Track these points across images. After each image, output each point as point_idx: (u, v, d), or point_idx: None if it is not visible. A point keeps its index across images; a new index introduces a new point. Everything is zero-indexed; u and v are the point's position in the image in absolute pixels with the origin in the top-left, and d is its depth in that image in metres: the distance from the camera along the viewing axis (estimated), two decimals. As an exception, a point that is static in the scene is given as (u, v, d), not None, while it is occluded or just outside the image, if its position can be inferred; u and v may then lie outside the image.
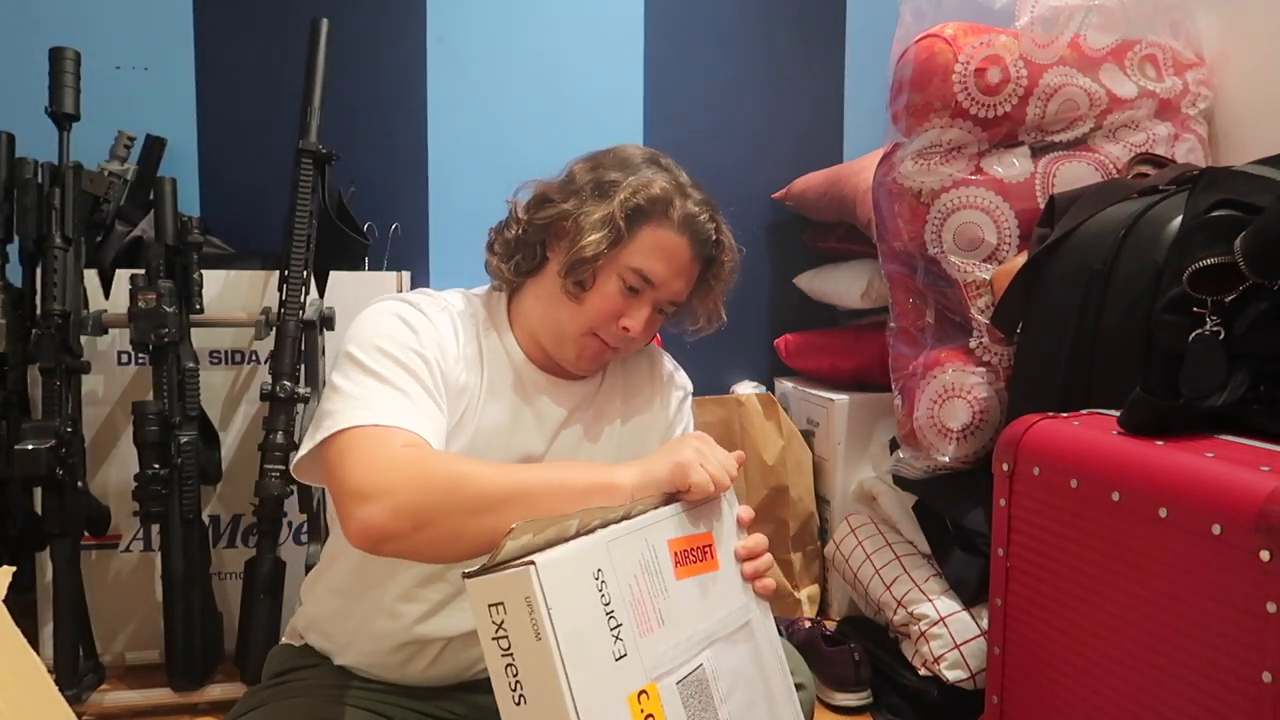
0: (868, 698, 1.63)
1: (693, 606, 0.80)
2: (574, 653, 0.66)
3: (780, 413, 2.04)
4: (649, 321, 1.03)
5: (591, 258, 0.99)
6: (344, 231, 1.81)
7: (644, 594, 0.74)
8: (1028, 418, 1.09)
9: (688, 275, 1.04)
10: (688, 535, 0.83)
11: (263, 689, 1.04)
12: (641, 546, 0.76)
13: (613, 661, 0.69)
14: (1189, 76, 1.53)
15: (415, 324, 0.96)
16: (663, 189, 1.00)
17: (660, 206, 1.00)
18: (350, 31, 2.05)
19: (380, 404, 0.87)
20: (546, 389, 1.06)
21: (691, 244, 1.02)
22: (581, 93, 2.22)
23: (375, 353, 0.92)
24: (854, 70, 2.36)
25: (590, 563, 0.71)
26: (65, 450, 1.53)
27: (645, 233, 1.00)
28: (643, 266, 1.00)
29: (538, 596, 0.65)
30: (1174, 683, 0.86)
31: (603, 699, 0.67)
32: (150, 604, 1.75)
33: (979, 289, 1.48)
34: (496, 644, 0.67)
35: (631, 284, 1.00)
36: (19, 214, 1.58)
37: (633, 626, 0.72)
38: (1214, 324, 0.99)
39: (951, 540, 1.55)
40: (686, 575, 0.80)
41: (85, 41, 1.66)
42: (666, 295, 1.03)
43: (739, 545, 0.92)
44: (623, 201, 0.99)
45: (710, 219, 1.03)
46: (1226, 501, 0.81)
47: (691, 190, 1.03)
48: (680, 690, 0.74)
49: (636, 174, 1.01)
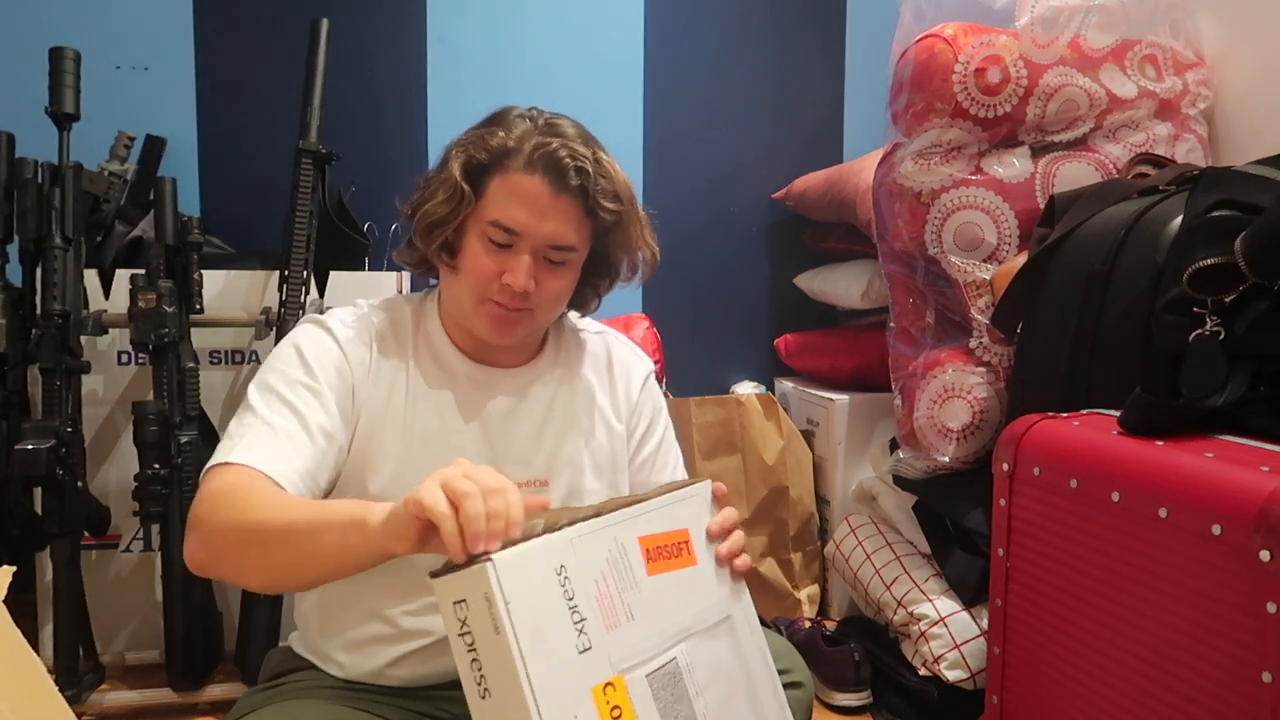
0: (868, 698, 1.63)
1: (666, 601, 0.81)
2: (532, 645, 0.67)
3: (780, 413, 2.03)
4: (538, 275, 0.97)
5: (438, 221, 0.97)
6: (344, 231, 1.81)
7: (611, 589, 0.76)
8: (1028, 418, 1.09)
9: (558, 213, 0.96)
10: (662, 532, 0.84)
11: (260, 691, 1.04)
12: (609, 543, 0.78)
13: (575, 654, 0.71)
14: (1189, 76, 1.53)
15: (311, 353, 0.98)
16: (503, 135, 0.95)
17: (502, 154, 0.95)
18: (350, 31, 2.05)
19: (245, 444, 0.91)
20: (484, 383, 1.04)
21: (548, 179, 0.95)
22: (581, 93, 2.22)
23: (262, 389, 0.96)
24: (854, 70, 2.36)
25: (553, 559, 0.72)
26: (65, 450, 1.53)
27: (494, 184, 0.96)
28: (499, 218, 0.96)
29: (495, 592, 0.67)
30: (1174, 683, 0.86)
31: (564, 690, 0.69)
32: (150, 604, 1.75)
33: (979, 289, 1.48)
34: (462, 640, 0.69)
35: (495, 239, 0.96)
36: (19, 214, 1.58)
37: (598, 620, 0.73)
38: (1214, 324, 0.99)
39: (951, 540, 1.55)
40: (660, 571, 0.81)
41: (85, 41, 1.66)
42: (542, 240, 0.96)
43: (710, 524, 0.89)
44: (463, 162, 0.96)
45: (565, 147, 0.95)
46: (1226, 501, 0.81)
47: (550, 127, 0.97)
48: (650, 682, 0.76)
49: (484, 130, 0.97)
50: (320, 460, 0.94)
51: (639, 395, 1.13)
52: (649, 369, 1.16)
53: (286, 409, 0.94)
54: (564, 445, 1.06)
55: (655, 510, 0.85)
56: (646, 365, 1.16)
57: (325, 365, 0.98)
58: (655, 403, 1.15)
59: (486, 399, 1.04)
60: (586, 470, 1.07)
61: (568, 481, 1.06)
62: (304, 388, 0.96)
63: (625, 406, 1.12)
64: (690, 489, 0.91)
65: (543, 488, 1.05)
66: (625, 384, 1.13)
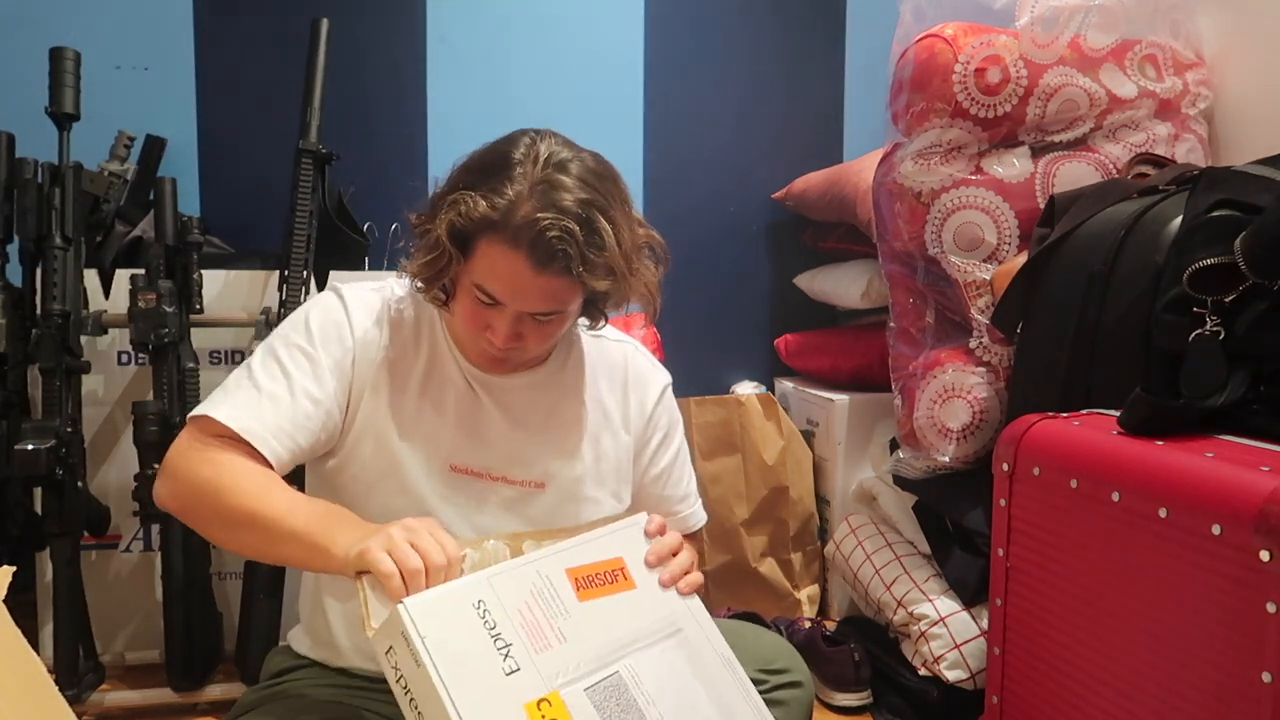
0: (868, 698, 1.63)
1: (602, 623, 0.87)
2: (453, 671, 0.74)
3: (780, 413, 2.03)
4: (525, 330, 0.96)
5: (431, 279, 0.96)
6: (344, 231, 1.81)
7: (539, 616, 0.83)
8: (1028, 418, 1.09)
9: (540, 289, 0.92)
10: (591, 563, 0.90)
11: (260, 690, 1.04)
12: (532, 576, 0.85)
13: (503, 676, 0.77)
14: (1189, 76, 1.53)
15: (316, 319, 1.01)
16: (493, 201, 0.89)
17: (486, 223, 0.90)
18: (350, 31, 2.05)
19: (234, 404, 0.96)
20: (486, 384, 1.04)
21: (532, 258, 0.89)
22: (581, 93, 2.22)
23: (263, 350, 1.00)
24: (854, 70, 2.36)
25: (469, 596, 0.80)
26: (65, 450, 1.53)
27: (481, 247, 0.92)
28: (482, 283, 0.93)
29: (410, 630, 0.74)
30: (1174, 683, 0.86)
31: (493, 708, 0.75)
32: (150, 604, 1.75)
33: (979, 289, 1.48)
34: (399, 685, 0.76)
35: (481, 299, 0.94)
36: (19, 214, 1.58)
37: (524, 644, 0.80)
38: (1214, 324, 0.99)
39: (951, 540, 1.55)
40: (593, 597, 0.88)
41: (85, 41, 1.66)
42: (525, 309, 0.94)
43: (646, 553, 0.93)
44: (448, 224, 0.91)
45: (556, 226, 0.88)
46: (1226, 501, 0.81)
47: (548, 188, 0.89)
48: (591, 695, 0.81)
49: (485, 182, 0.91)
50: (301, 423, 0.96)
51: (654, 408, 1.13)
52: (666, 382, 1.15)
53: (279, 370, 0.98)
54: (563, 450, 1.06)
55: (583, 544, 0.91)
56: (664, 378, 1.15)
57: (328, 332, 1.00)
58: (671, 416, 1.15)
59: (487, 399, 1.04)
60: (587, 478, 1.07)
61: (564, 487, 1.06)
62: (300, 351, 0.99)
63: (638, 419, 1.11)
64: (625, 521, 0.97)
65: (538, 489, 1.05)
66: (640, 395, 1.12)
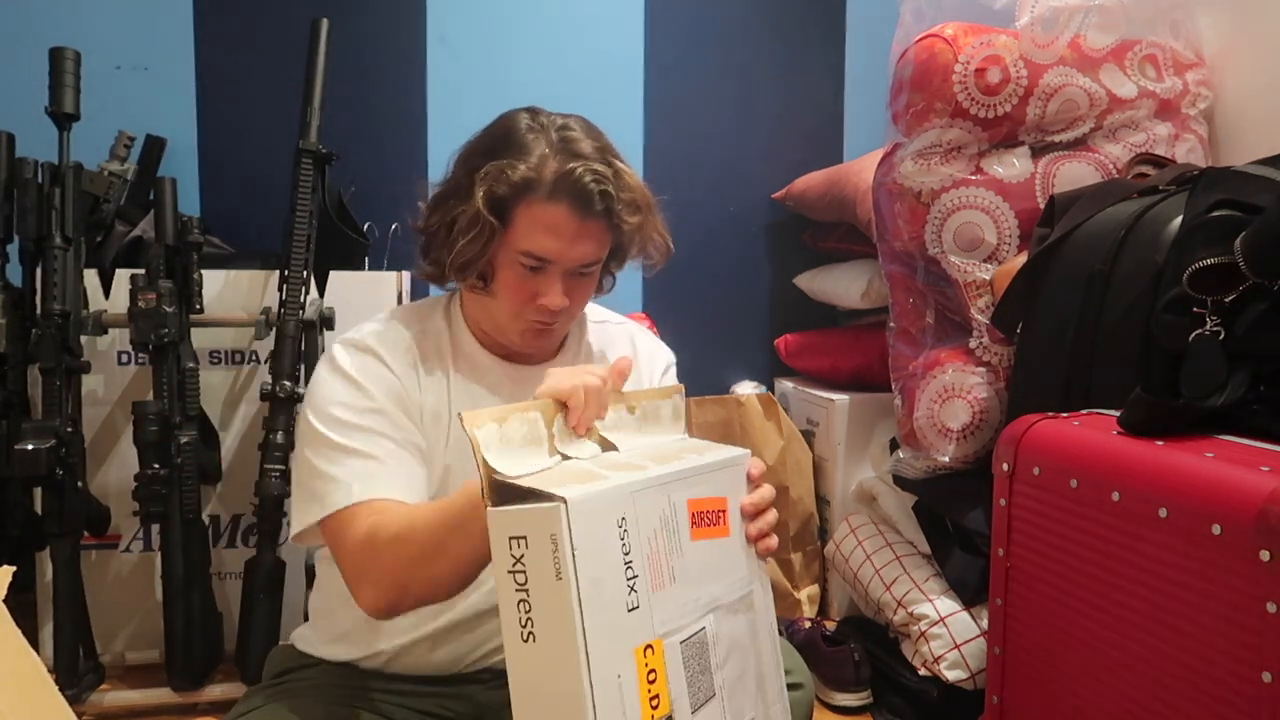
0: (868, 698, 1.63)
1: (703, 569, 0.79)
2: (592, 597, 0.65)
3: (780, 413, 2.03)
4: (569, 289, 0.99)
5: (472, 259, 0.98)
6: (344, 231, 1.81)
7: (660, 549, 0.74)
8: (1028, 418, 1.09)
9: (586, 237, 0.97)
10: (706, 497, 0.82)
11: (263, 689, 1.04)
12: (663, 502, 0.76)
13: (625, 612, 0.69)
14: (1189, 76, 1.53)
15: (364, 378, 0.98)
16: (523, 167, 0.94)
17: (524, 185, 0.95)
18: (350, 31, 2.05)
19: (353, 478, 0.93)
20: (519, 379, 1.06)
21: (574, 207, 0.95)
22: (581, 93, 2.21)
23: (336, 425, 0.96)
24: (854, 70, 2.36)
25: (616, 509, 0.70)
26: (65, 450, 1.53)
27: (520, 214, 0.96)
28: (529, 248, 0.96)
29: (564, 535, 0.64)
30: (1174, 683, 0.86)
31: (612, 647, 0.67)
32: (150, 604, 1.75)
33: (979, 289, 1.48)
34: (512, 578, 0.66)
35: (528, 265, 0.97)
36: (19, 214, 1.58)
37: (647, 580, 0.71)
38: (1214, 324, 0.99)
39: (951, 540, 1.55)
40: (700, 537, 0.80)
41: (85, 41, 1.66)
42: (573, 263, 0.98)
43: (744, 501, 0.88)
44: (485, 195, 0.95)
45: (589, 170, 0.95)
46: (1226, 501, 0.81)
47: (566, 144, 0.96)
48: (683, 650, 0.74)
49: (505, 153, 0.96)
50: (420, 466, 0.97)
51: (660, 379, 1.16)
52: (670, 359, 1.19)
53: (367, 435, 0.95)
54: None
55: (703, 474, 0.83)
56: (668, 355, 1.19)
57: (380, 384, 0.99)
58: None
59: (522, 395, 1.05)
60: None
61: None
62: (368, 411, 0.97)
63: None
64: (734, 456, 0.88)
65: None
66: (649, 370, 1.15)
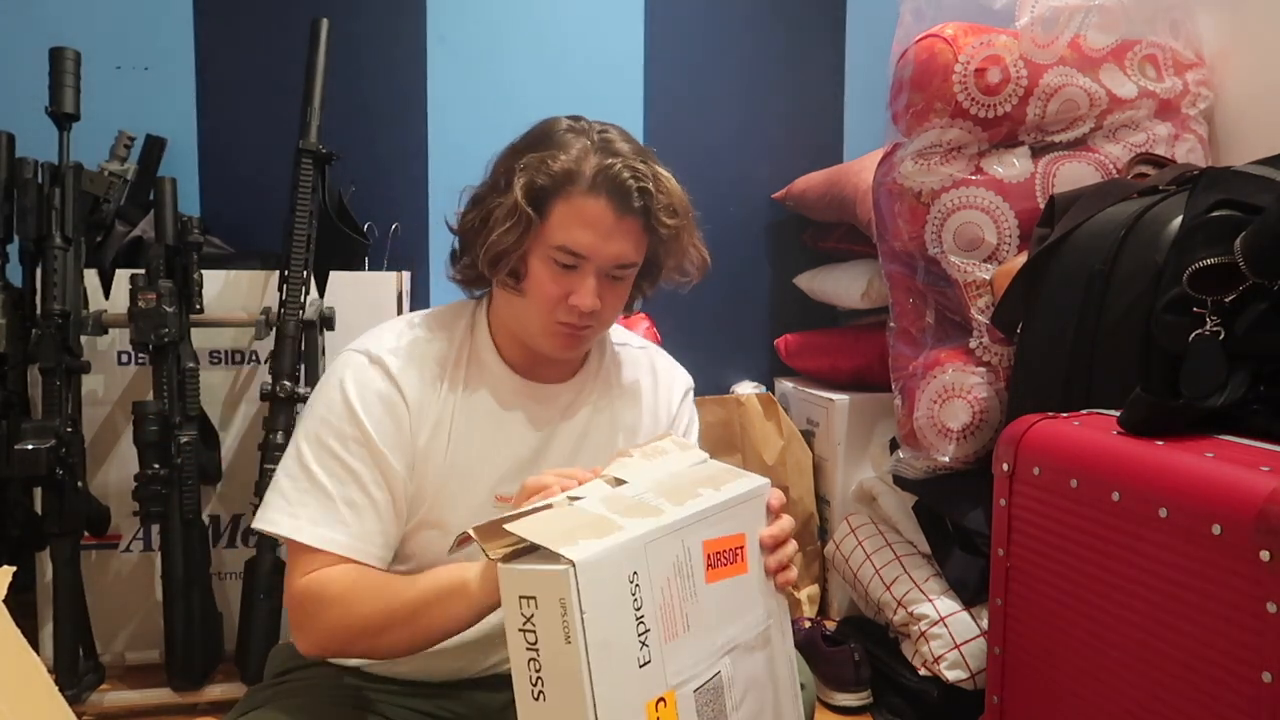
0: (868, 698, 1.63)
1: (719, 612, 0.78)
2: (601, 660, 0.64)
3: (780, 413, 2.03)
4: (602, 292, 0.98)
5: (507, 250, 0.96)
6: (344, 231, 1.81)
7: (674, 598, 0.73)
8: (1028, 418, 1.08)
9: (622, 234, 0.96)
10: (723, 536, 0.80)
11: (264, 688, 1.04)
12: (677, 548, 0.74)
13: (636, 668, 0.68)
14: (1189, 76, 1.53)
15: (359, 398, 0.96)
16: (564, 159, 0.94)
17: (564, 177, 0.94)
18: (350, 31, 2.05)
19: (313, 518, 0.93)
20: (534, 397, 1.04)
21: (612, 202, 0.94)
22: (581, 93, 2.22)
23: (318, 447, 0.95)
24: (854, 70, 2.36)
25: (628, 565, 0.69)
26: (65, 450, 1.53)
27: (558, 207, 0.95)
28: (565, 242, 0.95)
29: (573, 600, 0.63)
30: (1174, 683, 0.86)
31: (623, 706, 0.66)
32: (150, 604, 1.75)
33: (979, 289, 1.48)
34: (523, 636, 0.65)
35: (562, 262, 0.96)
36: (19, 214, 1.58)
37: (659, 632, 0.71)
38: (1214, 324, 0.99)
39: (951, 540, 1.55)
40: (716, 579, 0.78)
41: (85, 41, 1.66)
42: (608, 261, 0.97)
43: (764, 533, 0.87)
44: (525, 186, 0.94)
45: (627, 167, 0.95)
46: (1226, 501, 0.81)
47: (605, 144, 0.96)
48: (696, 697, 0.73)
49: (545, 149, 0.96)
50: (387, 518, 0.96)
51: (678, 406, 1.15)
52: (689, 384, 1.18)
53: (341, 469, 0.94)
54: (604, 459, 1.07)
55: (720, 511, 0.81)
56: (687, 380, 1.18)
57: (375, 409, 0.97)
58: (691, 416, 1.17)
59: (530, 414, 1.04)
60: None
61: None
62: (356, 443, 0.95)
63: (665, 415, 1.13)
64: (753, 488, 0.86)
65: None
66: (668, 395, 1.14)
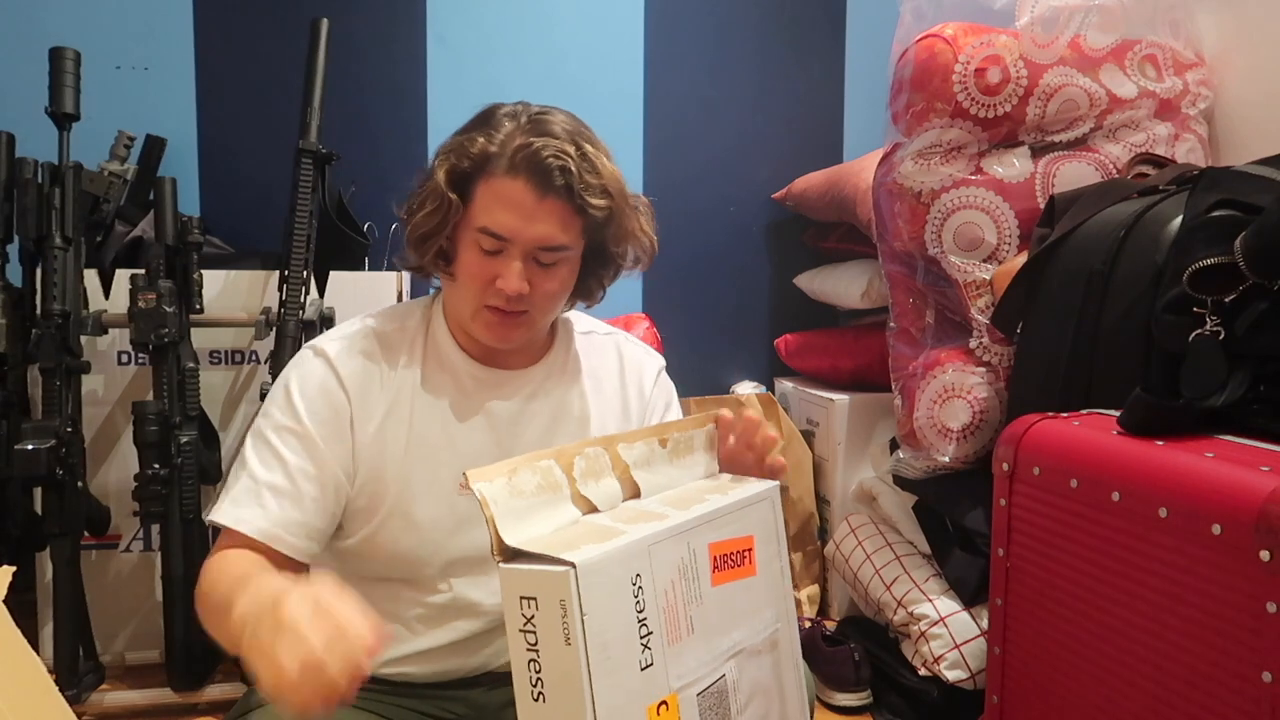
0: (868, 698, 1.63)
1: (724, 615, 0.77)
2: (601, 662, 0.64)
3: (780, 413, 2.03)
4: (531, 276, 0.96)
5: (430, 233, 0.97)
6: (344, 231, 1.81)
7: (678, 600, 0.72)
8: (1028, 418, 1.09)
9: (545, 215, 0.94)
10: (730, 538, 0.80)
11: (263, 688, 1.04)
12: (683, 550, 0.74)
13: (638, 671, 0.68)
14: (1189, 76, 1.53)
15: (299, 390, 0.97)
16: (484, 141, 0.94)
17: (483, 159, 0.94)
18: (350, 31, 2.05)
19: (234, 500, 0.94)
20: (491, 384, 1.04)
21: (532, 182, 0.93)
22: (582, 93, 2.22)
23: (256, 438, 0.97)
24: (854, 70, 2.36)
25: (631, 566, 0.69)
26: (65, 450, 1.53)
27: (480, 189, 0.95)
28: (487, 224, 0.94)
29: (573, 601, 0.63)
30: (1174, 682, 0.86)
31: (623, 709, 0.66)
32: (150, 604, 1.75)
33: (979, 289, 1.48)
34: (523, 636, 0.65)
35: (485, 246, 0.95)
36: (19, 214, 1.58)
37: (662, 635, 0.70)
38: (1214, 324, 0.99)
39: (951, 540, 1.55)
40: (723, 581, 0.78)
41: (85, 41, 1.66)
42: (531, 243, 0.95)
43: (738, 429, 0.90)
44: (447, 170, 0.95)
45: (548, 146, 0.93)
46: (1226, 501, 0.81)
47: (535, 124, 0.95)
48: (699, 701, 0.73)
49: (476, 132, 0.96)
50: (309, 507, 0.95)
51: (651, 390, 1.13)
52: (660, 364, 1.16)
53: (272, 456, 0.95)
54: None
55: (727, 514, 0.80)
56: (657, 361, 1.16)
57: (314, 402, 0.97)
58: (667, 397, 1.16)
59: (493, 401, 1.03)
60: None
61: None
62: (290, 433, 0.96)
63: (638, 403, 1.12)
64: (760, 491, 0.85)
65: None
66: (638, 381, 1.13)
